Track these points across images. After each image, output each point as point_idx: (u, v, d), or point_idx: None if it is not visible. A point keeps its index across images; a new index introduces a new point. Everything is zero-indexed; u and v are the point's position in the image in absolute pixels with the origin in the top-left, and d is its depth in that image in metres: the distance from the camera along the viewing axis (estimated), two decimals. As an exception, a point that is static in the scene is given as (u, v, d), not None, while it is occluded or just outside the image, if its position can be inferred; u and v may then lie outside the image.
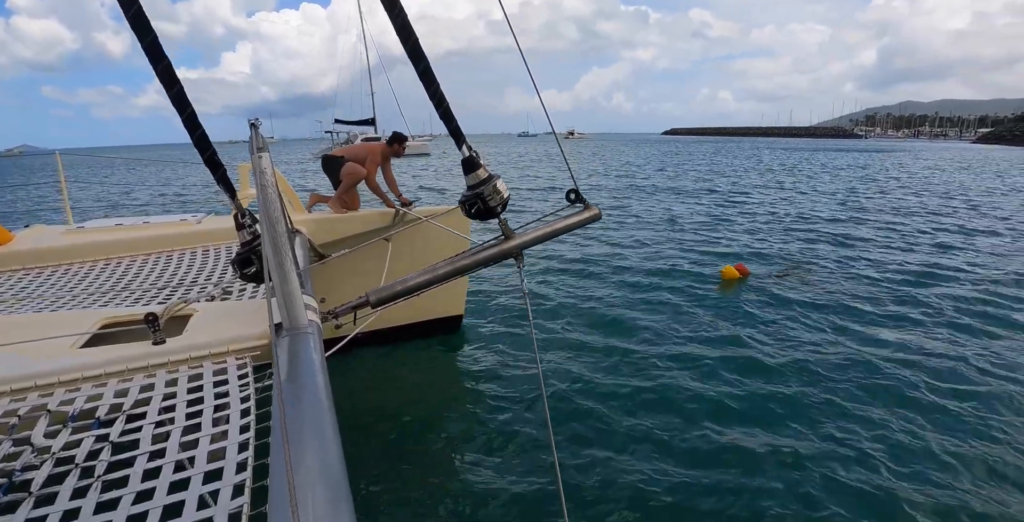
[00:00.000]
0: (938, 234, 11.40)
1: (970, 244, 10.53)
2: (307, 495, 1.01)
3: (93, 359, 1.94)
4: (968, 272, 8.40)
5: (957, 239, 10.97)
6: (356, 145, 5.83)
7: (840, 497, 3.41)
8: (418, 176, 28.73)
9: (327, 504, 1.02)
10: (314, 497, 1.02)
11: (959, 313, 6.56)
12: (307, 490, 1.03)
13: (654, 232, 11.98)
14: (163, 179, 31.21)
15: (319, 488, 1.06)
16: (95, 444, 1.51)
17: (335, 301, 2.39)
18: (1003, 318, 6.43)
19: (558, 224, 2.53)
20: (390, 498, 3.51)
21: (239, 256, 2.11)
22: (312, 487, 1.05)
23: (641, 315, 6.64)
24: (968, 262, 9.07)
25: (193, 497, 1.26)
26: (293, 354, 1.65)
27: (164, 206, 18.52)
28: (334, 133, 46.88)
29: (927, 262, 9.02)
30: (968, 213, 14.45)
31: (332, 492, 1.06)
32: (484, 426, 4.36)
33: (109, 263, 3.92)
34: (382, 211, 5.43)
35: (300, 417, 1.31)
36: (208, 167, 2.10)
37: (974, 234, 11.42)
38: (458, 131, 2.30)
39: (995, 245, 10.47)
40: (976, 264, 8.96)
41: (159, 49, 1.83)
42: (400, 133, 5.67)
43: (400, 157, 5.72)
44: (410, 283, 2.32)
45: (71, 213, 5.43)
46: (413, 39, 2.06)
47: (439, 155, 46.44)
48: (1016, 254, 9.77)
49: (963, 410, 4.36)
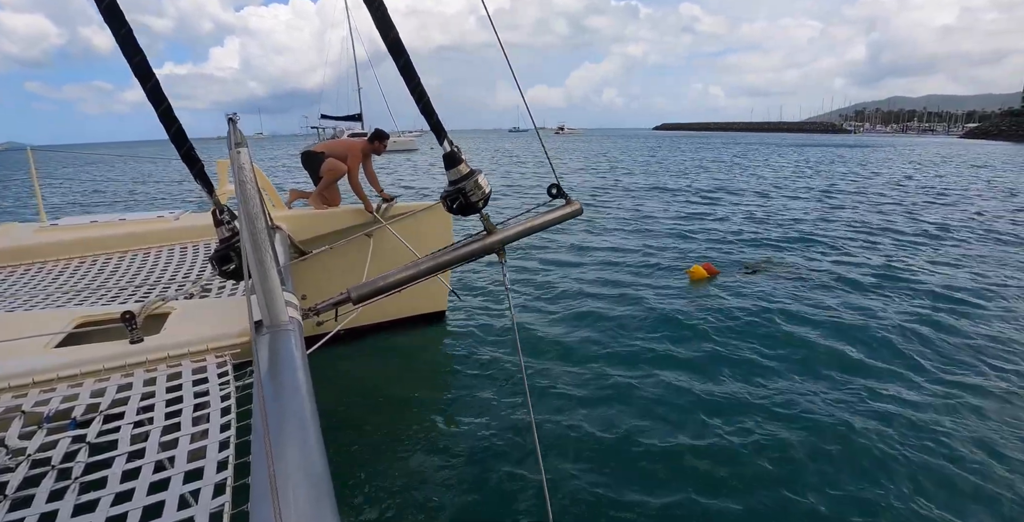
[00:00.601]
0: (907, 232, 11.44)
1: (938, 241, 10.62)
2: (289, 493, 1.01)
3: (68, 359, 1.91)
4: (932, 270, 8.44)
5: (924, 236, 11.03)
6: (336, 141, 5.77)
7: (812, 492, 3.46)
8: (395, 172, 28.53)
9: (309, 502, 1.02)
10: (296, 495, 1.02)
11: (927, 309, 6.59)
12: (289, 488, 1.02)
13: (629, 229, 11.97)
14: (143, 174, 30.69)
15: (301, 486, 1.05)
16: (72, 445, 1.49)
17: (316, 298, 2.37)
18: (969, 314, 6.53)
19: (539, 219, 2.53)
20: (374, 494, 3.50)
21: (218, 253, 2.09)
22: (294, 485, 1.05)
23: (612, 309, 6.67)
24: (932, 259, 9.16)
25: (174, 497, 1.24)
26: (274, 352, 1.63)
27: (161, 202, 18.16)
28: (320, 128, 46.25)
29: (892, 258, 9.06)
30: (942, 209, 14.57)
31: (314, 489, 1.05)
32: (468, 421, 4.37)
33: (84, 261, 3.85)
34: (362, 207, 5.39)
35: (282, 415, 1.30)
36: (185, 163, 2.07)
37: (946, 232, 11.48)
38: (439, 126, 2.29)
39: (962, 241, 10.59)
40: (940, 260, 9.06)
41: (134, 42, 1.80)
42: (382, 130, 5.60)
43: (381, 154, 5.66)
44: (392, 279, 2.31)
45: (44, 211, 5.32)
46: (393, 33, 2.05)
47: (426, 151, 46.12)
48: (982, 246, 9.94)
49: (925, 416, 4.28)
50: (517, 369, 5.07)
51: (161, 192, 21.14)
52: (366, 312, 2.97)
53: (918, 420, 4.18)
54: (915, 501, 3.34)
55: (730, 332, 5.91)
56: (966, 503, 3.35)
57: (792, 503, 3.34)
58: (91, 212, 14.60)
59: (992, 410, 4.35)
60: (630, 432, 4.10)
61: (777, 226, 12.06)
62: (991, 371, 5.01)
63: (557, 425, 4.20)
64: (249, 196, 1.65)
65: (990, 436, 4.00)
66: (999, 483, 3.50)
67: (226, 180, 5.16)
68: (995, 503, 3.35)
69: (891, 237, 10.87)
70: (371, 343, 5.74)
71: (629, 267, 8.77)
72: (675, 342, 5.68)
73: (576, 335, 5.95)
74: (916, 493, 3.41)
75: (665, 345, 5.60)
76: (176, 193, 20.11)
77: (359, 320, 4.17)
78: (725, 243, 10.43)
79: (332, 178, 5.27)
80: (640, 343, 5.68)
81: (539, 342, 5.78)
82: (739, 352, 5.42)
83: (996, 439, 3.97)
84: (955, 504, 3.33)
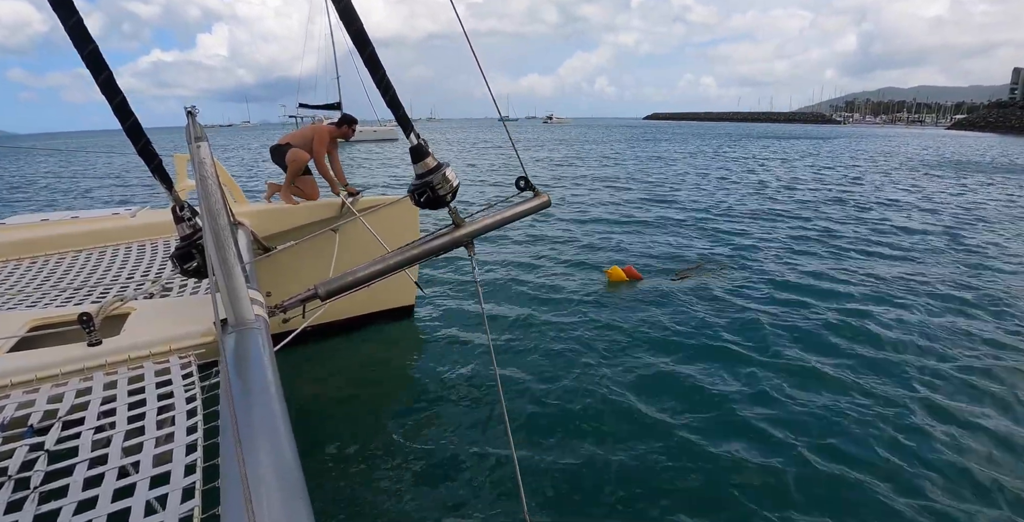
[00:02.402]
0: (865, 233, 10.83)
1: (892, 241, 10.10)
2: (262, 494, 0.99)
3: (23, 363, 1.83)
4: (872, 272, 8.04)
5: (881, 235, 10.56)
6: (301, 129, 5.64)
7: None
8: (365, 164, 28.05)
9: (283, 503, 1.00)
10: (269, 496, 1.00)
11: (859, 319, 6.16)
12: (262, 489, 1.00)
13: (572, 225, 11.59)
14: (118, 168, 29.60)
15: (274, 486, 1.03)
16: (29, 453, 1.43)
17: (282, 295, 2.32)
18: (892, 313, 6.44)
19: (508, 212, 2.53)
20: (347, 492, 3.47)
21: (179, 250, 2.03)
22: (267, 486, 1.03)
23: (538, 309, 6.61)
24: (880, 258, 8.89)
25: (140, 503, 1.21)
26: (241, 350, 1.60)
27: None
28: (299, 118, 44.93)
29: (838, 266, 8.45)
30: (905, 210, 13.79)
31: (288, 490, 1.03)
32: (440, 413, 4.37)
33: (36, 261, 3.70)
34: (328, 202, 5.30)
35: (250, 414, 1.27)
36: (142, 158, 2.00)
37: (905, 232, 10.94)
38: (406, 119, 2.26)
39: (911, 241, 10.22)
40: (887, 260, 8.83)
41: (84, 32, 1.72)
42: (350, 115, 5.51)
43: (349, 140, 5.57)
44: (360, 274, 2.28)
45: None
46: (357, 24, 2.01)
47: (405, 140, 45.48)
48: (918, 249, 9.64)
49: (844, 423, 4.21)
50: (488, 359, 5.09)
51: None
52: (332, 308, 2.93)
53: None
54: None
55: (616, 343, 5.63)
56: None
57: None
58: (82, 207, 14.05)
59: (888, 406, 4.40)
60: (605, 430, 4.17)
61: (728, 228, 11.28)
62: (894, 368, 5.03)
63: (528, 412, 4.24)
64: (210, 191, 1.61)
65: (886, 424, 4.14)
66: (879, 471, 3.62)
67: (184, 175, 5.01)
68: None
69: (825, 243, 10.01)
70: (338, 340, 5.68)
71: (566, 263, 8.61)
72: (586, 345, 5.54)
73: (521, 329, 6.00)
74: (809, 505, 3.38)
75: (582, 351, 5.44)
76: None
77: (325, 317, 4.12)
78: (668, 243, 9.96)
79: (296, 169, 5.16)
80: (563, 345, 5.55)
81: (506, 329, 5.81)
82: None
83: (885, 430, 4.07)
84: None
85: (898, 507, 3.30)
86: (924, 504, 3.33)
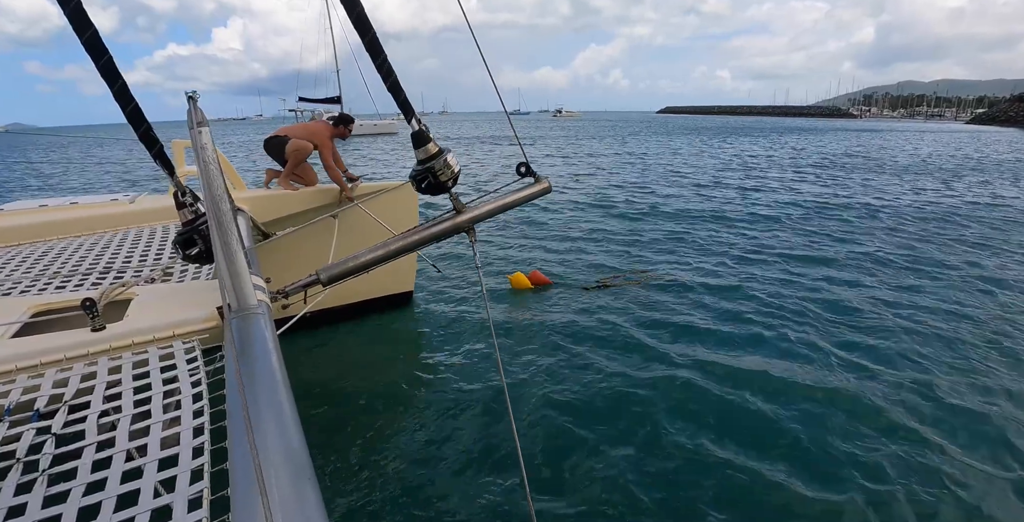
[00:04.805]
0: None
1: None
2: (272, 476, 1.00)
3: (27, 348, 1.84)
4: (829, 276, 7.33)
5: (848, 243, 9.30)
6: (298, 125, 5.64)
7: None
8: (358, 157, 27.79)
9: (292, 484, 1.02)
10: (279, 478, 1.01)
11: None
12: (271, 471, 1.02)
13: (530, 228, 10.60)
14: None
15: (283, 469, 1.05)
16: (36, 437, 1.45)
17: (282, 281, 2.33)
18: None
19: (509, 198, 2.53)
20: (350, 476, 3.51)
21: (181, 236, 2.03)
22: (276, 468, 1.04)
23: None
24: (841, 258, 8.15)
25: (148, 485, 1.23)
26: (245, 335, 1.61)
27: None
28: (299, 112, 44.46)
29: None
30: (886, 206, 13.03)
31: (297, 472, 1.05)
32: (440, 398, 4.40)
33: (36, 247, 3.70)
34: (327, 188, 5.30)
35: (257, 398, 1.28)
36: (143, 143, 1.99)
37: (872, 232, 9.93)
38: (407, 105, 2.25)
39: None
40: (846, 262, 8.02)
41: (84, 16, 1.71)
42: (347, 115, 5.54)
43: (346, 139, 5.59)
44: (362, 260, 2.29)
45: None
46: (359, 9, 2.00)
47: (406, 134, 44.74)
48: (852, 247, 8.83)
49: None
50: (488, 346, 5.12)
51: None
52: (333, 294, 2.94)
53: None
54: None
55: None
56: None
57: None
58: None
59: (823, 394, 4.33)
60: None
61: (680, 229, 10.34)
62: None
63: (530, 397, 4.27)
64: (213, 177, 1.61)
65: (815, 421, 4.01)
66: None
67: (183, 161, 4.99)
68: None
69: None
70: (339, 325, 5.70)
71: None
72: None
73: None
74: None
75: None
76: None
77: (324, 303, 4.13)
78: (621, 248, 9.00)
79: (299, 158, 5.16)
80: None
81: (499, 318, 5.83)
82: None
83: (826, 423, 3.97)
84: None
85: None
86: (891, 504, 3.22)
